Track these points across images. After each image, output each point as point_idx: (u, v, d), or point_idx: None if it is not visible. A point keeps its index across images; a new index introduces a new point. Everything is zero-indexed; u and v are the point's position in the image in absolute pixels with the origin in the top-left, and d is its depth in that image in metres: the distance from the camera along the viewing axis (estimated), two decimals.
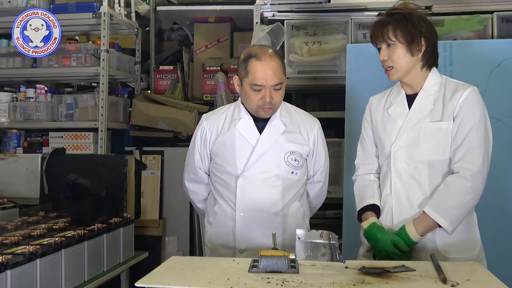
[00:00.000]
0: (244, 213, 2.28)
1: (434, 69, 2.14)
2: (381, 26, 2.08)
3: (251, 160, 2.28)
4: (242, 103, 2.35)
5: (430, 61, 2.11)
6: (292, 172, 2.30)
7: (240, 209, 2.28)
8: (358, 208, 2.20)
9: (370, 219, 2.12)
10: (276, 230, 2.18)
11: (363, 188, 2.21)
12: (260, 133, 2.30)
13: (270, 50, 2.27)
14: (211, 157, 2.39)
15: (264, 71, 2.20)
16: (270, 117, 2.31)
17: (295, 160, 2.31)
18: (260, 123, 2.32)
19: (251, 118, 2.32)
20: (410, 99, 2.14)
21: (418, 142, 2.07)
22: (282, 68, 2.26)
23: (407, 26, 2.04)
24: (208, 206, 2.44)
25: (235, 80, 2.32)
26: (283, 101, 2.35)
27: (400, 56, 2.06)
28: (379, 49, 2.12)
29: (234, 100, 2.41)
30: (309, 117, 2.43)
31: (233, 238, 2.30)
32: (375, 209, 2.15)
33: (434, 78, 2.13)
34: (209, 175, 2.44)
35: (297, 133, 2.34)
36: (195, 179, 2.47)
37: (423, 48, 2.07)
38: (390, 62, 2.08)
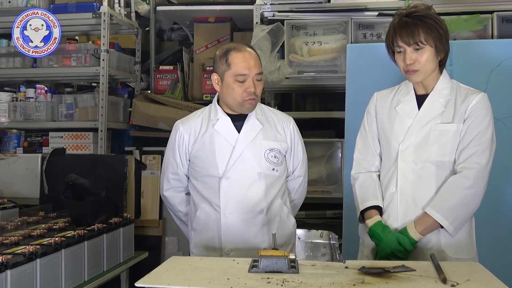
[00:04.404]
0: (229, 213, 2.28)
1: (445, 72, 2.15)
2: (410, 29, 2.02)
3: (231, 159, 2.29)
4: (219, 104, 2.36)
5: (444, 62, 2.12)
6: (273, 169, 2.32)
7: (225, 210, 2.28)
8: (361, 207, 2.18)
9: (375, 217, 2.12)
10: (262, 228, 2.26)
11: (366, 188, 2.20)
12: (239, 132, 2.32)
13: (246, 46, 2.33)
14: (189, 162, 2.39)
15: (246, 61, 2.24)
16: (246, 117, 2.33)
17: (275, 157, 2.33)
18: (238, 122, 2.33)
19: (229, 118, 2.33)
20: (419, 99, 2.14)
21: (427, 142, 2.07)
22: (260, 61, 2.31)
23: (438, 30, 2.02)
24: (190, 213, 2.43)
25: (214, 78, 2.32)
26: None
27: (429, 59, 2.04)
28: (398, 52, 2.07)
29: None
30: (283, 115, 2.48)
31: (218, 240, 2.30)
32: (378, 210, 2.15)
33: (444, 81, 2.13)
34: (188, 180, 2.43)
35: (274, 130, 2.37)
36: (175, 185, 2.44)
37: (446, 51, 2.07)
38: (418, 65, 2.04)
